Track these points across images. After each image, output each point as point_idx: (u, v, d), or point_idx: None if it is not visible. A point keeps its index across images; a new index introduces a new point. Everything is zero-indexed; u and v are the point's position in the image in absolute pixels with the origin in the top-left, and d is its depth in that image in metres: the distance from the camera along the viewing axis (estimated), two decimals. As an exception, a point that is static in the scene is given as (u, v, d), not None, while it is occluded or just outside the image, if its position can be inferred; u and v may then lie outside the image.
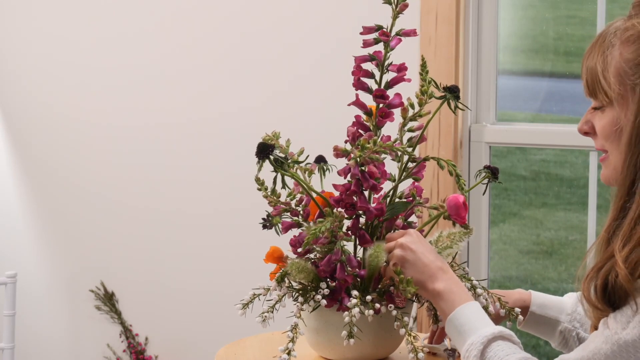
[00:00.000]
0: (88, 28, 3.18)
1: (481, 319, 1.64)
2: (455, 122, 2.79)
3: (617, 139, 1.58)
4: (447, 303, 1.67)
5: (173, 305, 3.16)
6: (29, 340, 3.33)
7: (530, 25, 3.27)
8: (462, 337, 1.63)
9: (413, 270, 1.70)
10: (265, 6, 2.98)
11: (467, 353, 1.60)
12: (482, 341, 1.60)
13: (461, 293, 1.67)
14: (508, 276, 4.14)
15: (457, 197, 1.79)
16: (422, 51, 2.78)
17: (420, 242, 1.73)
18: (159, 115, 3.12)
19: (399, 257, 1.72)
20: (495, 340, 1.60)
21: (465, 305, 1.65)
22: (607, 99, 1.58)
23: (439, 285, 1.68)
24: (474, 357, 1.59)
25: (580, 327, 1.88)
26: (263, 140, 1.79)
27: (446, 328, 1.67)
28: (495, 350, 1.59)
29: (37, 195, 3.31)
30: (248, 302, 1.79)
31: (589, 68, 1.61)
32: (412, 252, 1.71)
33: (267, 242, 1.90)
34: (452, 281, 1.69)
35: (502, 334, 1.61)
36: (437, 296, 1.68)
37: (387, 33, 1.83)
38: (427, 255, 1.71)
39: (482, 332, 1.61)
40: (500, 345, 1.60)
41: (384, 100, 1.81)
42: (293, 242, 1.82)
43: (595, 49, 1.61)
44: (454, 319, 1.65)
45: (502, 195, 4.44)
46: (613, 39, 1.59)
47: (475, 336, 1.61)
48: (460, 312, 1.65)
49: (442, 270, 1.70)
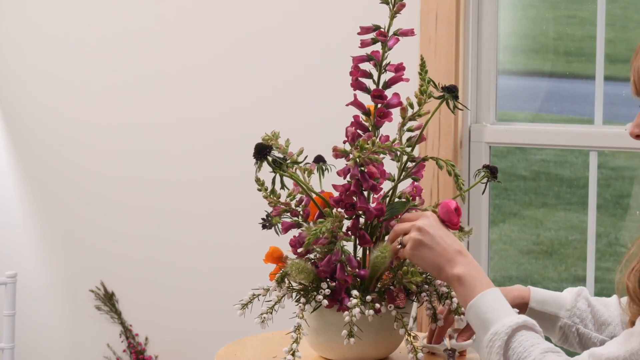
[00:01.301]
0: (88, 28, 3.18)
1: (504, 307, 1.62)
2: (455, 122, 2.79)
3: None
4: (467, 289, 1.64)
5: (173, 305, 3.16)
6: (29, 340, 3.33)
7: (530, 25, 3.27)
8: (484, 325, 1.61)
9: (430, 253, 1.68)
10: (263, 6, 2.98)
11: (490, 342, 1.58)
12: (507, 331, 1.57)
13: (481, 278, 1.64)
14: (508, 276, 4.14)
15: (449, 202, 1.77)
16: (422, 51, 2.78)
17: (438, 225, 1.71)
18: (158, 115, 3.12)
19: (416, 239, 1.69)
20: (520, 330, 1.58)
21: (488, 291, 1.63)
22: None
23: (459, 270, 1.65)
24: (499, 347, 1.57)
25: (579, 323, 1.87)
26: (262, 140, 1.79)
27: (467, 314, 1.64)
28: (520, 340, 1.57)
29: (37, 195, 3.31)
30: (247, 302, 1.79)
31: (636, 68, 1.61)
32: (430, 235, 1.68)
33: (267, 242, 1.90)
34: (472, 266, 1.66)
35: (526, 323, 1.59)
36: (457, 281, 1.65)
37: (385, 33, 1.83)
38: (445, 238, 1.68)
39: (505, 321, 1.59)
40: (525, 335, 1.57)
41: (382, 101, 1.81)
42: (293, 243, 1.82)
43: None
44: (475, 306, 1.62)
45: (502, 195, 4.44)
46: None
47: (498, 325, 1.58)
48: (482, 299, 1.62)
49: (461, 254, 1.67)
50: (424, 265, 1.70)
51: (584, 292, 1.90)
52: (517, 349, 1.56)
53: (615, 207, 4.53)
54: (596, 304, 1.89)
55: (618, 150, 3.47)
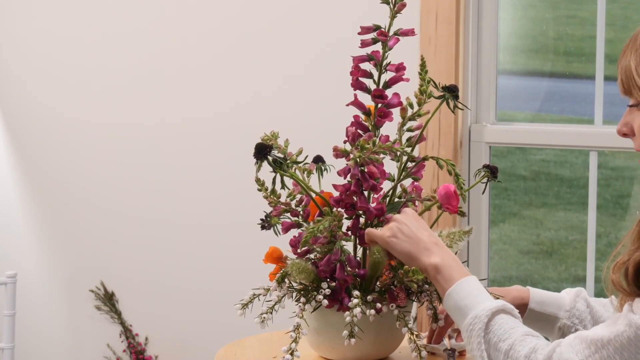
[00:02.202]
0: (88, 28, 3.18)
1: (482, 293, 1.63)
2: (455, 122, 2.79)
3: None
4: (444, 277, 1.65)
5: (173, 305, 3.16)
6: (29, 340, 3.32)
7: (530, 25, 3.27)
8: (462, 312, 1.62)
9: (407, 243, 1.69)
10: (263, 6, 2.98)
11: (470, 327, 1.59)
12: (487, 314, 1.58)
13: (458, 267, 1.66)
14: (508, 276, 4.14)
15: (447, 186, 1.79)
16: (422, 51, 2.78)
17: (416, 219, 1.72)
18: (158, 115, 3.12)
19: (392, 228, 1.71)
20: (499, 313, 1.59)
21: (465, 279, 1.64)
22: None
23: (435, 259, 1.66)
24: (479, 329, 1.58)
25: (579, 324, 1.88)
26: (262, 140, 1.79)
27: (444, 302, 1.65)
28: (500, 323, 1.58)
29: (37, 195, 3.31)
30: (247, 302, 1.79)
31: (623, 67, 1.61)
32: (407, 226, 1.70)
33: (267, 242, 1.90)
34: (448, 255, 1.67)
35: (504, 307, 1.60)
36: (434, 270, 1.66)
37: (385, 33, 1.83)
38: (421, 230, 1.70)
39: (485, 305, 1.60)
40: (504, 319, 1.59)
41: (382, 100, 1.81)
42: (293, 243, 1.82)
43: (629, 48, 1.61)
44: (454, 293, 1.63)
45: (502, 195, 4.44)
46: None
47: (478, 309, 1.59)
48: (460, 286, 1.63)
49: (437, 245, 1.69)
50: (399, 254, 1.71)
51: (582, 292, 1.90)
52: (498, 332, 1.57)
53: (615, 207, 4.53)
54: (595, 304, 1.90)
55: (618, 150, 3.47)
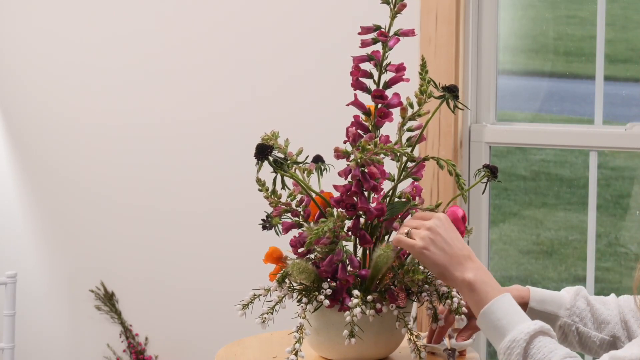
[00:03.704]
0: (88, 28, 3.18)
1: (518, 313, 1.61)
2: (455, 122, 2.79)
3: None
4: (479, 295, 1.62)
5: (173, 305, 3.16)
6: (29, 340, 3.32)
7: (530, 25, 3.27)
8: (499, 332, 1.59)
9: (440, 256, 1.66)
10: (263, 6, 2.98)
11: (508, 350, 1.57)
12: (525, 338, 1.56)
13: (492, 284, 1.63)
14: (508, 276, 4.14)
15: (456, 210, 1.76)
16: (422, 51, 2.78)
17: (450, 227, 1.69)
18: (159, 115, 3.12)
19: (426, 238, 1.67)
20: (537, 336, 1.58)
21: (500, 297, 1.61)
22: None
23: (469, 275, 1.63)
24: (517, 354, 1.56)
25: (579, 322, 1.87)
26: (262, 140, 1.79)
27: (479, 320, 1.62)
28: (538, 347, 1.56)
29: (37, 195, 3.31)
30: (248, 302, 1.79)
31: None
32: (441, 237, 1.67)
33: (267, 241, 1.90)
34: (482, 271, 1.65)
35: (542, 329, 1.59)
36: (467, 287, 1.63)
37: (385, 33, 1.83)
38: (455, 242, 1.67)
39: (522, 327, 1.58)
40: (542, 342, 1.57)
41: (382, 101, 1.81)
42: (293, 243, 1.82)
43: None
44: (490, 312, 1.61)
45: (502, 195, 4.43)
46: None
47: (515, 332, 1.58)
48: (495, 305, 1.60)
49: (470, 259, 1.66)
50: (430, 265, 1.68)
51: (582, 291, 1.90)
52: (537, 356, 1.56)
53: (615, 207, 4.53)
54: (595, 302, 1.90)
55: (618, 150, 3.47)
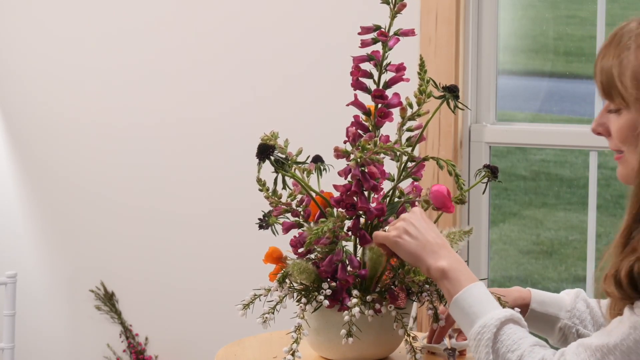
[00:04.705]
0: (88, 28, 3.18)
1: (490, 300, 1.62)
2: (455, 122, 2.79)
3: (635, 142, 1.56)
4: (451, 282, 1.63)
5: (173, 305, 3.16)
6: (29, 340, 3.32)
7: (530, 25, 3.28)
8: (470, 319, 1.60)
9: (414, 244, 1.67)
10: (263, 6, 2.98)
11: (478, 335, 1.58)
12: (496, 324, 1.57)
13: (465, 271, 1.64)
14: (508, 276, 4.14)
15: (440, 189, 1.78)
16: (422, 51, 2.78)
17: (424, 219, 1.70)
18: (158, 115, 3.12)
19: (399, 228, 1.69)
20: (508, 323, 1.58)
21: (473, 285, 1.62)
22: (624, 103, 1.56)
23: (442, 263, 1.64)
24: (487, 339, 1.57)
25: (579, 324, 1.88)
26: (261, 139, 1.79)
27: (451, 308, 1.63)
28: (508, 334, 1.57)
29: (37, 195, 3.30)
30: (249, 302, 1.79)
31: (603, 70, 1.58)
32: (414, 227, 1.68)
33: (267, 241, 1.90)
34: (456, 259, 1.65)
35: (513, 317, 1.59)
36: (441, 274, 1.64)
37: (386, 33, 1.83)
38: (429, 231, 1.68)
39: (493, 314, 1.59)
40: (513, 329, 1.58)
41: (382, 100, 1.81)
42: (294, 243, 1.82)
43: (610, 50, 1.58)
44: (461, 299, 1.61)
45: (502, 195, 4.44)
46: (628, 41, 1.56)
47: (486, 318, 1.58)
48: (468, 292, 1.61)
49: (445, 247, 1.67)
50: (405, 254, 1.69)
51: (582, 293, 1.90)
52: (506, 342, 1.56)
53: (615, 207, 4.53)
54: (594, 305, 1.90)
55: (618, 150, 3.46)
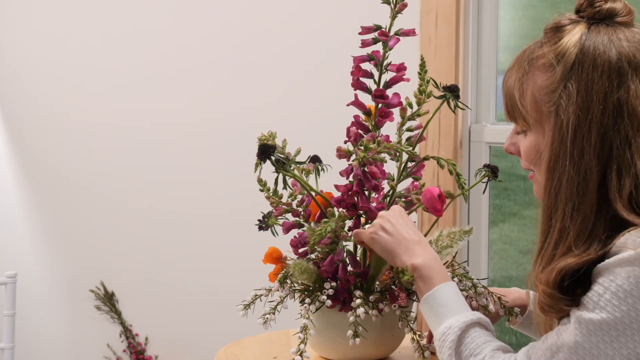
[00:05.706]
0: (88, 28, 3.18)
1: (460, 302, 1.61)
2: (455, 122, 2.79)
3: (539, 162, 1.57)
4: (424, 280, 1.63)
5: (173, 305, 3.16)
6: (29, 340, 3.33)
7: (530, 25, 3.27)
8: (438, 318, 1.60)
9: (389, 240, 1.68)
10: (264, 7, 2.98)
11: (443, 336, 1.57)
12: (461, 326, 1.57)
13: (440, 270, 1.64)
14: (508, 276, 4.14)
15: (432, 189, 1.77)
16: (422, 51, 2.78)
17: (402, 216, 1.70)
18: (158, 116, 3.12)
19: (375, 224, 1.70)
20: (474, 326, 1.58)
21: (445, 285, 1.62)
22: (526, 124, 1.58)
23: (416, 260, 1.64)
24: (451, 341, 1.56)
25: None
26: (259, 139, 1.79)
27: (421, 305, 1.63)
28: (473, 337, 1.56)
29: (37, 195, 3.31)
30: (249, 303, 1.79)
31: (507, 92, 1.60)
32: (390, 223, 1.68)
33: (267, 242, 1.90)
34: (430, 256, 1.65)
35: (480, 320, 1.59)
36: (413, 271, 1.64)
37: (386, 33, 1.83)
38: (405, 228, 1.68)
39: (460, 316, 1.58)
40: (478, 332, 1.57)
41: (383, 100, 1.81)
42: (294, 243, 1.82)
43: (513, 73, 1.60)
44: (432, 298, 1.61)
45: (502, 195, 4.44)
46: (527, 65, 1.58)
47: (453, 319, 1.58)
48: (438, 292, 1.61)
49: (420, 244, 1.67)
50: (380, 251, 1.70)
51: None
52: (470, 345, 1.56)
53: (615, 207, 4.52)
54: None
55: (618, 150, 3.46)
